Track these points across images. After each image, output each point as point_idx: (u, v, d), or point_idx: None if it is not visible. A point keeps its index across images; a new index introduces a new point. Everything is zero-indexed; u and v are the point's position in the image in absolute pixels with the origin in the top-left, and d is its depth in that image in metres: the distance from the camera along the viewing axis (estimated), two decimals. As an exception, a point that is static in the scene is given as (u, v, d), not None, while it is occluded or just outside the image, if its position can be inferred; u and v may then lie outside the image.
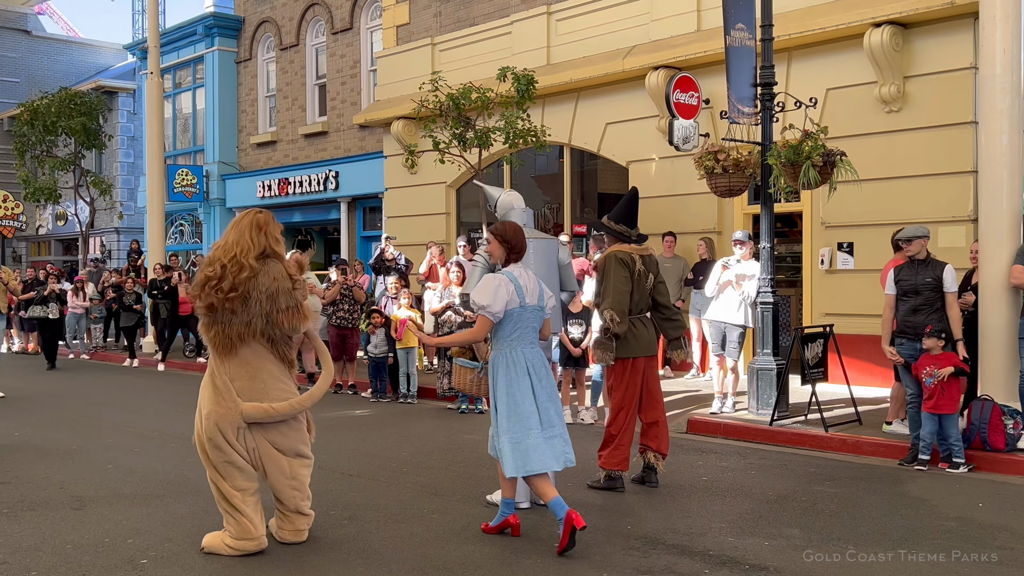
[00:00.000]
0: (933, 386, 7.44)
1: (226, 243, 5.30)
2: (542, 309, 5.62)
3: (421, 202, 16.76)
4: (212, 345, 5.29)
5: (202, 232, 23.65)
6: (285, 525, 5.44)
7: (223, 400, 5.21)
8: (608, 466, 6.75)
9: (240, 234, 5.30)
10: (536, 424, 5.45)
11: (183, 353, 17.49)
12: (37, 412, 11.01)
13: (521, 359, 5.50)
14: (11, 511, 6.26)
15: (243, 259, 5.20)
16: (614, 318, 6.57)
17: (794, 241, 13.17)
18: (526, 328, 5.53)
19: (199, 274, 5.29)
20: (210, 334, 5.27)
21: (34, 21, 34.16)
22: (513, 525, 5.60)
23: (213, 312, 5.19)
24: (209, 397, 5.27)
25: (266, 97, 22.33)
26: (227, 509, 5.25)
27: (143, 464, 7.84)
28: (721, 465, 7.78)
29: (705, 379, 12.28)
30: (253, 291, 5.19)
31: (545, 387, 5.55)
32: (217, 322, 5.22)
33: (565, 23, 14.64)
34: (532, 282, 5.60)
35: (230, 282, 5.15)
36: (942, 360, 7.45)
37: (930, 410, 7.47)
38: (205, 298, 5.18)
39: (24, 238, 31.48)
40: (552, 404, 5.57)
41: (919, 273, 7.77)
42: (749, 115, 9.64)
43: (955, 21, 10.55)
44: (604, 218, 6.96)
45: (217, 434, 5.18)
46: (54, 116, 24.19)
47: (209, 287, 5.17)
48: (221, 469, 5.23)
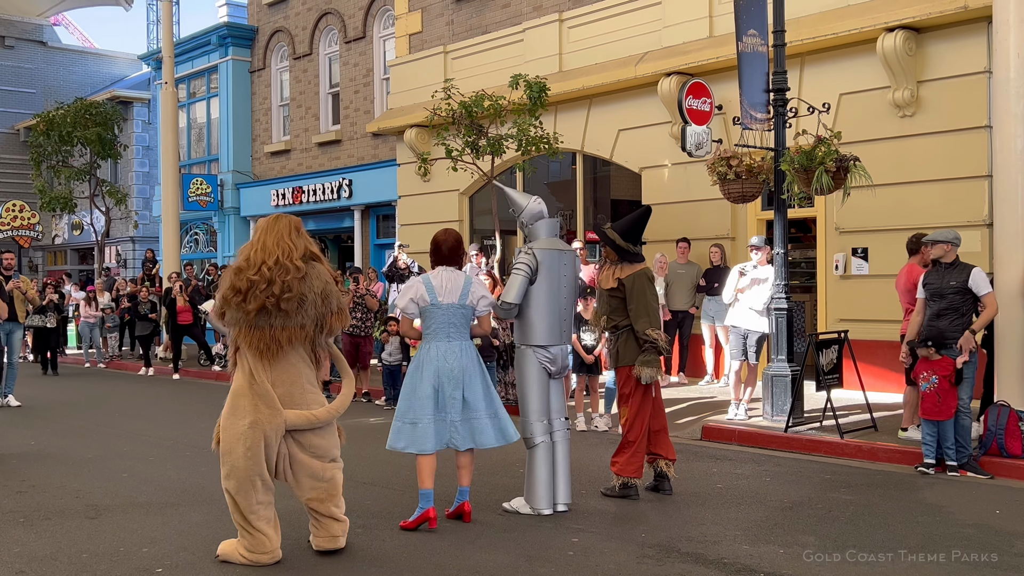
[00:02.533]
0: (929, 391, 7.43)
1: (263, 246, 5.18)
2: (463, 307, 6.01)
3: (434, 210, 16.79)
4: (255, 350, 5.12)
5: (216, 241, 23.75)
6: (320, 532, 5.37)
7: (266, 407, 5.11)
8: (625, 473, 6.73)
9: (279, 236, 5.21)
10: (429, 410, 5.85)
11: (198, 362, 17.56)
12: (53, 421, 11.07)
13: (432, 351, 5.95)
14: (27, 520, 6.29)
15: (288, 261, 5.13)
16: (661, 335, 6.64)
17: (808, 247, 13.13)
18: (440, 323, 5.98)
19: (234, 280, 5.11)
20: (251, 338, 5.11)
21: (50, 32, 34.42)
22: (431, 518, 5.85)
23: (261, 315, 5.07)
24: (249, 406, 5.12)
25: (280, 106, 22.43)
26: (242, 524, 5.17)
27: (158, 473, 7.87)
28: (736, 472, 7.75)
29: (720, 385, 12.24)
30: (308, 292, 5.14)
31: (456, 376, 5.88)
32: (263, 326, 5.10)
33: (577, 30, 14.65)
34: (453, 283, 6.01)
35: (280, 285, 5.07)
36: (937, 366, 7.44)
37: (924, 415, 7.51)
38: (254, 301, 5.05)
39: (40, 248, 31.70)
40: (460, 391, 5.88)
41: (944, 277, 7.74)
42: (762, 121, 9.62)
43: (968, 25, 10.51)
44: (614, 233, 6.85)
45: (260, 444, 5.09)
46: (70, 126, 24.36)
47: (258, 291, 5.05)
48: (245, 483, 5.10)
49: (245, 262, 5.18)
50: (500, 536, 5.79)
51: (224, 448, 5.19)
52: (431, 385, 5.89)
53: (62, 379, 16.53)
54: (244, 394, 5.17)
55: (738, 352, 9.88)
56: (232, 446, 5.15)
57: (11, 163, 32.04)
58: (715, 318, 12.15)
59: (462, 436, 5.93)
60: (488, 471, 7.65)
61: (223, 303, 5.20)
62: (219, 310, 5.25)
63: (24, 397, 12.84)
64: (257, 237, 5.29)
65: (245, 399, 5.16)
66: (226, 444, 5.18)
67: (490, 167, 13.35)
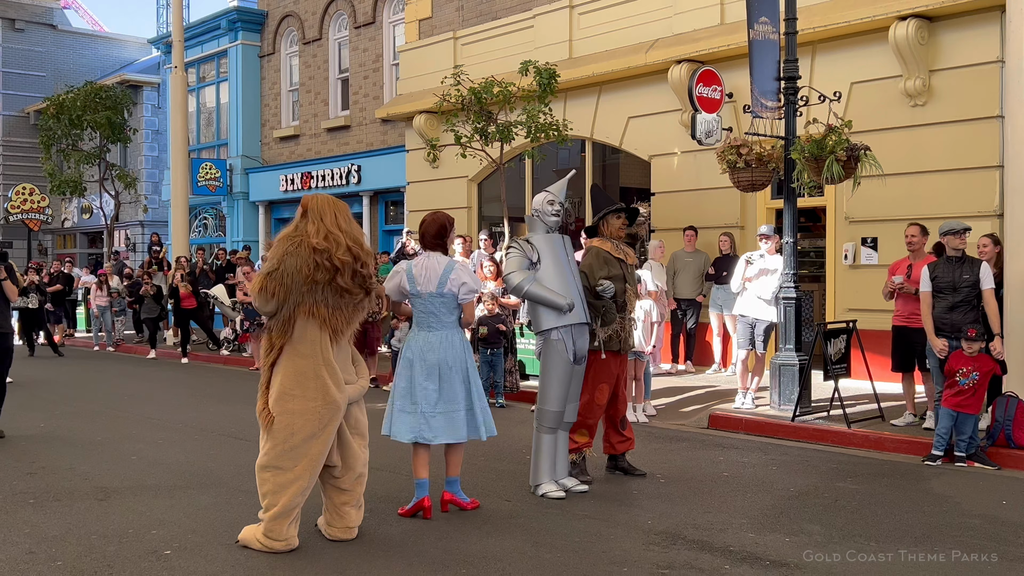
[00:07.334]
0: (968, 387, 7.39)
1: (338, 226, 5.15)
2: (443, 295, 5.88)
3: (443, 196, 16.77)
4: (335, 331, 5.14)
5: (225, 226, 23.79)
6: (337, 522, 5.36)
7: (335, 389, 5.15)
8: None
9: (348, 221, 5.23)
10: (405, 401, 5.89)
11: (206, 347, 17.61)
12: (62, 404, 11.13)
13: (413, 342, 5.95)
14: (37, 501, 6.34)
15: (364, 248, 5.21)
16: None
17: (817, 236, 13.09)
18: (421, 313, 5.97)
19: (318, 257, 5.03)
20: (334, 319, 5.11)
21: (60, 16, 34.43)
22: (425, 508, 5.86)
23: (337, 294, 5.10)
24: (318, 387, 5.10)
25: (289, 91, 22.42)
26: (273, 506, 5.12)
27: (167, 455, 7.91)
28: (742, 460, 7.75)
29: (727, 374, 12.24)
30: (370, 279, 5.23)
31: (431, 369, 5.83)
32: (340, 306, 5.13)
33: (587, 16, 14.60)
34: (432, 270, 5.93)
35: (366, 267, 5.16)
36: (978, 362, 7.41)
37: (955, 407, 7.43)
38: (346, 281, 5.08)
39: (50, 231, 31.79)
40: (435, 383, 5.83)
41: (957, 270, 7.71)
42: (772, 109, 9.58)
43: (981, 14, 10.44)
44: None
45: (334, 426, 5.15)
46: (79, 110, 24.37)
47: (350, 271, 5.08)
48: (312, 466, 5.11)
49: (325, 240, 5.09)
50: (506, 522, 5.81)
51: (287, 430, 5.11)
52: (406, 378, 5.89)
53: (71, 362, 16.61)
54: (308, 376, 5.12)
55: (745, 341, 9.87)
56: (300, 427, 5.10)
57: (21, 146, 32.12)
58: (723, 307, 12.14)
59: (433, 429, 5.84)
60: (493, 457, 7.67)
61: (288, 278, 5.05)
62: (273, 288, 5.07)
63: (33, 380, 12.90)
64: (328, 217, 5.18)
65: (311, 380, 5.12)
66: (291, 426, 5.10)
67: (499, 154, 13.33)
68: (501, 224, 14.26)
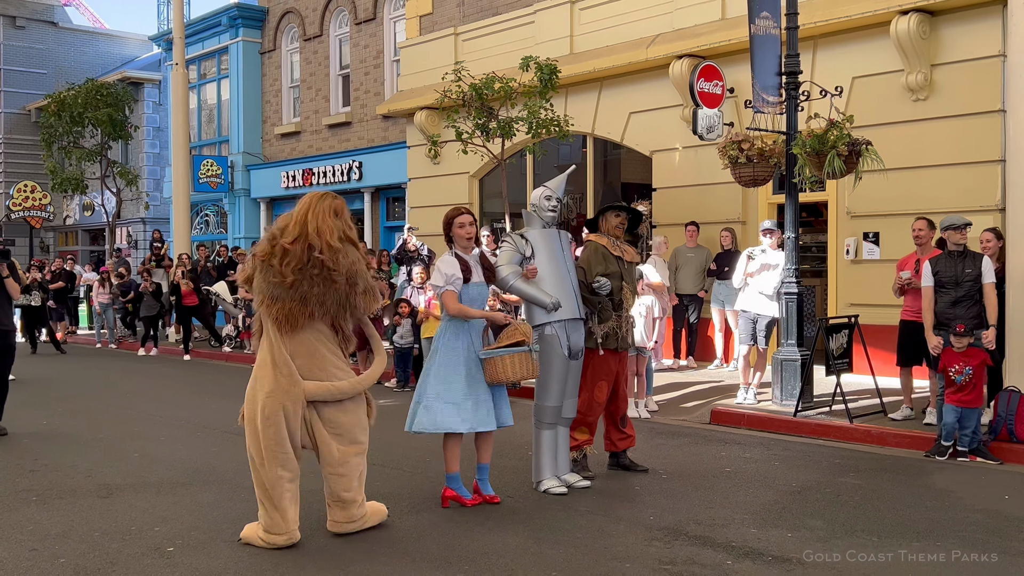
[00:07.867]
0: (965, 383, 7.39)
1: (303, 223, 5.25)
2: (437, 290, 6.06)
3: (444, 192, 16.77)
4: (276, 321, 5.20)
5: (227, 222, 23.79)
6: (329, 515, 5.43)
7: (284, 378, 5.17)
8: None
9: (317, 216, 5.26)
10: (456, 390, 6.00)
11: (208, 343, 17.62)
12: (64, 401, 11.14)
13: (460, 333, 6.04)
14: (40, 499, 6.35)
15: (325, 240, 5.20)
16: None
17: (819, 231, 13.09)
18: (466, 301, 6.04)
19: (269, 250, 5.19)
20: (273, 310, 5.18)
21: (61, 13, 34.40)
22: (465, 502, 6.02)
23: (284, 287, 5.13)
24: (269, 376, 5.20)
25: (290, 88, 22.40)
26: (263, 500, 5.21)
27: (169, 453, 7.92)
28: (744, 456, 7.76)
29: (729, 369, 12.24)
30: (335, 272, 5.19)
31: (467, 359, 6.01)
32: (287, 299, 5.15)
33: (588, 12, 14.59)
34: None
35: (314, 261, 5.15)
36: (968, 356, 7.41)
37: (958, 404, 7.43)
38: (289, 275, 5.12)
39: (52, 228, 31.80)
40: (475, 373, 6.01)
41: (959, 265, 7.71)
42: (774, 104, 9.57)
43: (983, 8, 10.42)
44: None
45: (278, 413, 5.14)
46: (81, 107, 24.36)
47: (291, 264, 5.13)
48: (268, 452, 5.15)
49: (279, 231, 5.25)
50: (509, 518, 5.82)
51: (248, 417, 5.28)
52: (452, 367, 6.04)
53: (73, 359, 16.63)
54: (264, 365, 5.25)
55: (747, 336, 9.87)
56: (252, 417, 5.23)
57: (22, 144, 32.10)
58: (725, 302, 12.14)
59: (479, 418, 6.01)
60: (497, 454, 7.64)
61: (252, 268, 5.29)
62: (247, 275, 5.33)
63: (36, 377, 12.92)
64: (296, 214, 5.32)
65: (265, 370, 5.23)
66: (249, 413, 5.27)
67: (500, 150, 13.32)
68: (503, 220, 14.25)
